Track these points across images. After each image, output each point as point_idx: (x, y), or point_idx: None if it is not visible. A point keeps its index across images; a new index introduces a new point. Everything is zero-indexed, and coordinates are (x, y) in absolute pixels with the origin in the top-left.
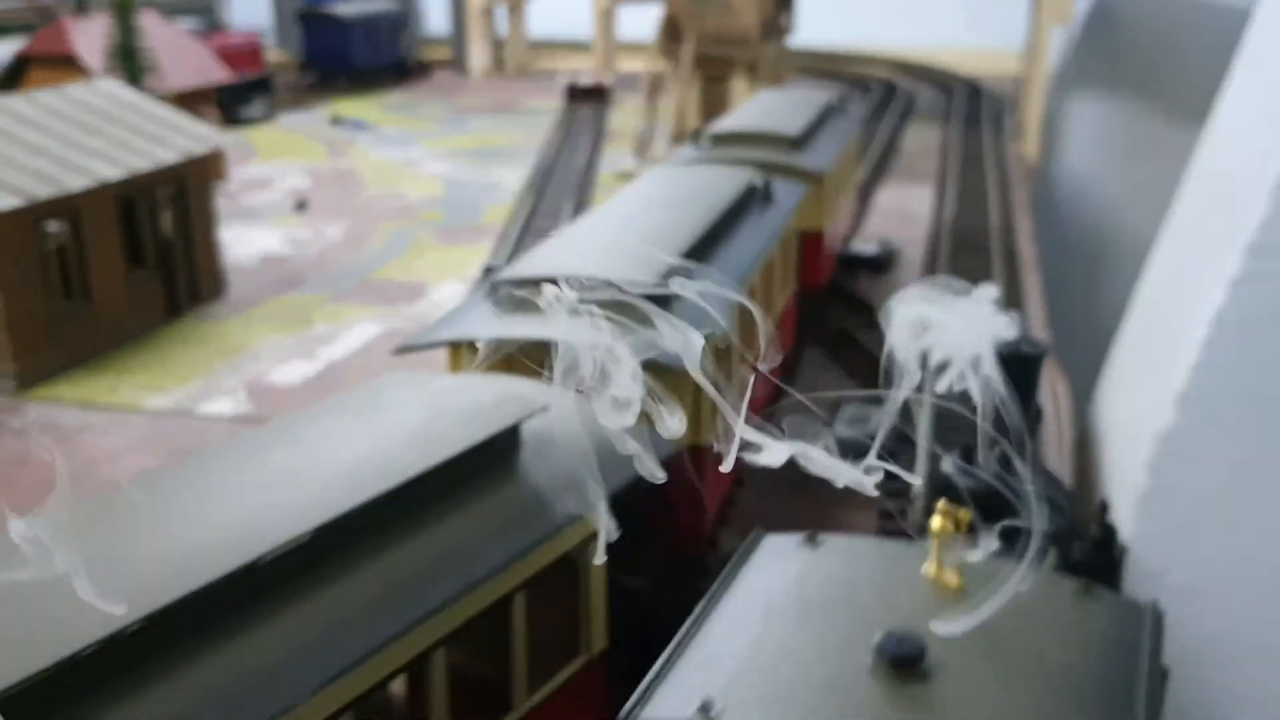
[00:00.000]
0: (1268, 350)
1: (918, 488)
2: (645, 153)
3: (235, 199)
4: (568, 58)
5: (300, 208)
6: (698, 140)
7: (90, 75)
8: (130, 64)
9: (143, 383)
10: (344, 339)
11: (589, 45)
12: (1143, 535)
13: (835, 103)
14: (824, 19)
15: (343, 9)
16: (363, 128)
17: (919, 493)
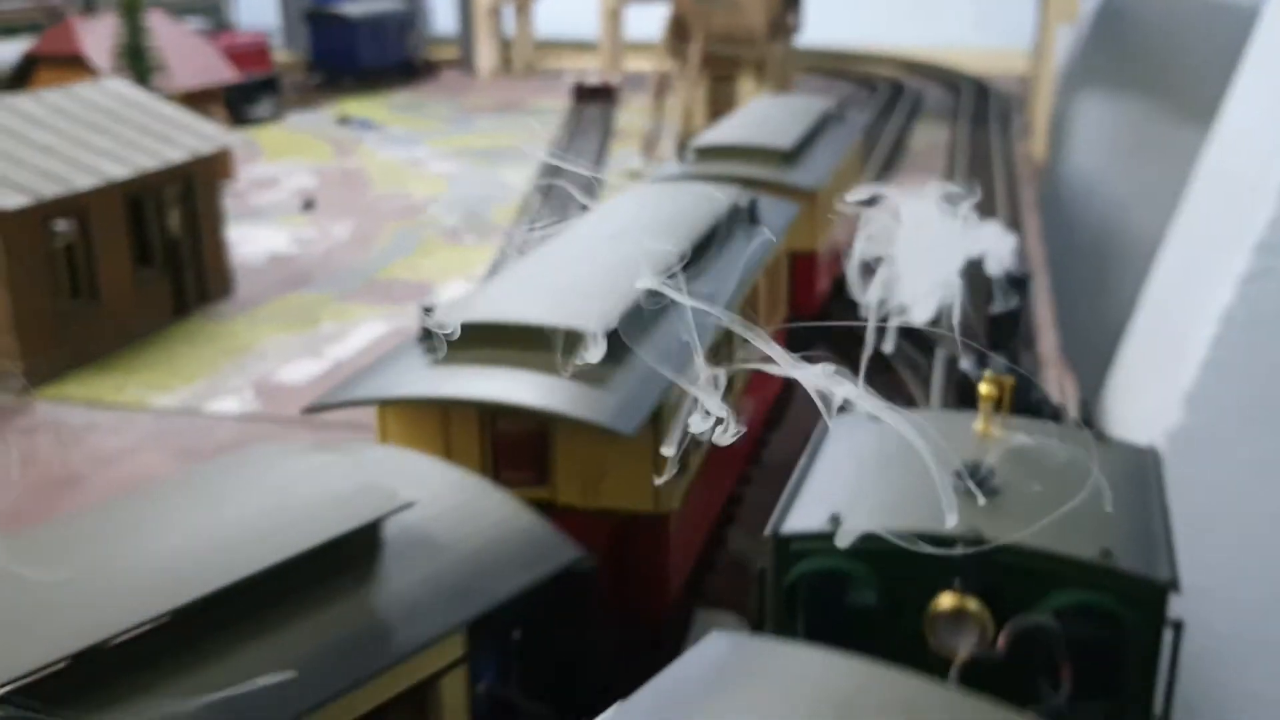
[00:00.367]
0: (1276, 348)
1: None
2: (653, 152)
3: (243, 198)
4: (575, 57)
5: (307, 207)
6: (683, 154)
7: (98, 75)
8: (138, 64)
9: (150, 382)
10: (351, 338)
11: (596, 45)
12: None
13: (834, 110)
14: (831, 18)
15: (350, 9)
16: (370, 127)
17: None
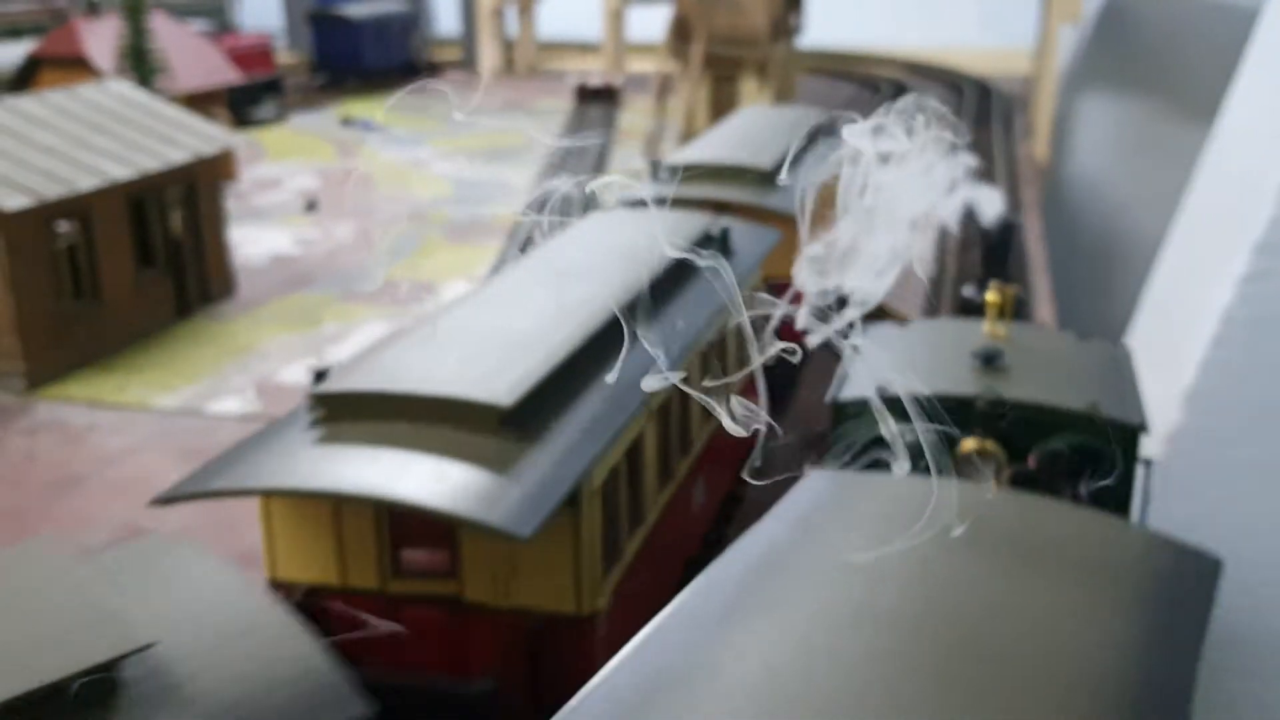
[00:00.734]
0: (1276, 348)
1: None
2: (655, 152)
3: (245, 199)
4: (577, 58)
5: (310, 208)
6: (657, 172)
7: (101, 76)
8: (141, 65)
9: (152, 382)
10: (353, 338)
11: (599, 46)
12: None
13: (826, 123)
14: (834, 19)
15: (353, 10)
16: (372, 128)
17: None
